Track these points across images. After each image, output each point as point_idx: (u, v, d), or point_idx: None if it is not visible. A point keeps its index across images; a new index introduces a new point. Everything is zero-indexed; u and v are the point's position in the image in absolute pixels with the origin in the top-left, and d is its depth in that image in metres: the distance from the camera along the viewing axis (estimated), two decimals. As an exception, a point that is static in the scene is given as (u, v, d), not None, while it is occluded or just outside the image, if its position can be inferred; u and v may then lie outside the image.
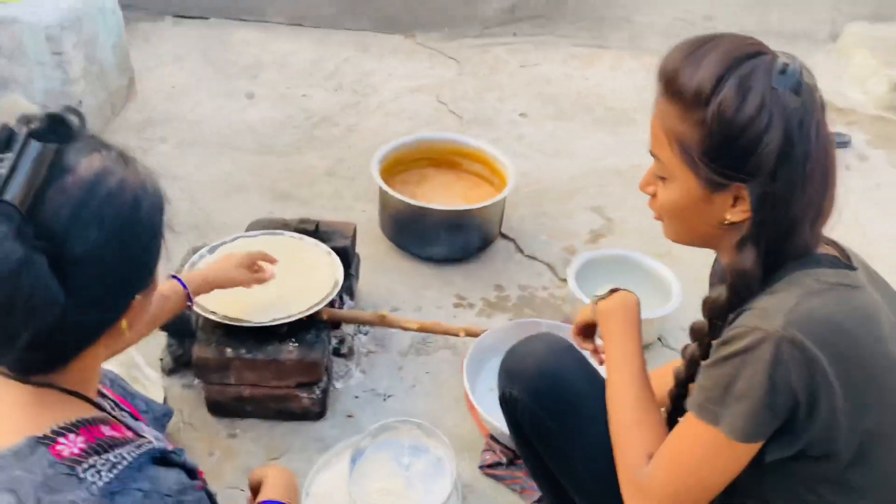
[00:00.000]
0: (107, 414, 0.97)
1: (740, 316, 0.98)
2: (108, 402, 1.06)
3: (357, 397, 1.96)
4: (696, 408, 0.99)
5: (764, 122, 0.93)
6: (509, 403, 1.28)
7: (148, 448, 0.92)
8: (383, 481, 1.69)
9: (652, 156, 1.06)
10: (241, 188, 2.71)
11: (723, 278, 1.06)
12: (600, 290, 1.36)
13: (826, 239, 1.05)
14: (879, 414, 0.96)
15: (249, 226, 2.15)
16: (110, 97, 2.98)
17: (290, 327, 1.82)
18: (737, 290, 1.01)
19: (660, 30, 4.02)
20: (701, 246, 1.11)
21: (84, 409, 0.93)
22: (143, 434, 0.99)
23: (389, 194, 2.31)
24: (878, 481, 0.98)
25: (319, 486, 1.70)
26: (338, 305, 2.03)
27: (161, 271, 0.96)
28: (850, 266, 1.02)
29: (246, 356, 1.78)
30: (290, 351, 1.80)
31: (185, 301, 1.51)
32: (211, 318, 1.78)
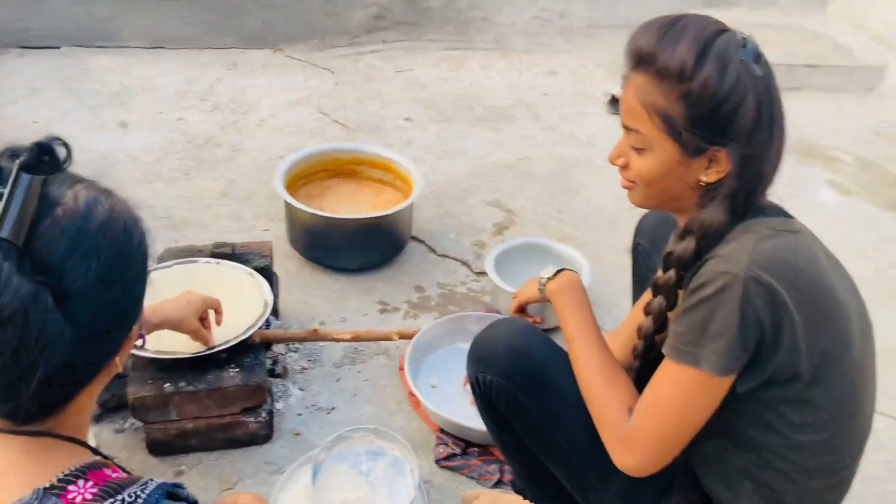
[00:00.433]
0: (102, 457, 0.94)
1: (704, 265, 1.09)
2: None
3: (300, 414, 1.95)
4: (675, 353, 1.10)
5: (742, 91, 1.06)
6: (483, 388, 1.33)
7: (157, 483, 0.91)
8: (347, 492, 1.70)
9: (625, 129, 1.16)
10: (133, 220, 2.59)
11: (681, 235, 1.17)
12: (544, 272, 1.45)
13: None
14: (831, 336, 1.10)
15: (160, 256, 2.07)
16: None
17: (228, 353, 1.79)
18: (705, 242, 1.12)
19: (520, 29, 4.23)
20: (666, 209, 1.23)
21: (83, 454, 0.90)
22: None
23: (299, 209, 2.30)
24: (832, 396, 1.13)
25: (283, 507, 1.68)
26: (263, 326, 2.00)
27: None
28: (789, 215, 1.16)
29: (187, 389, 1.72)
30: (232, 377, 1.76)
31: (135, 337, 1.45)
32: (143, 354, 1.71)
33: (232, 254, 2.08)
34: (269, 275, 2.06)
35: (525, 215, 2.77)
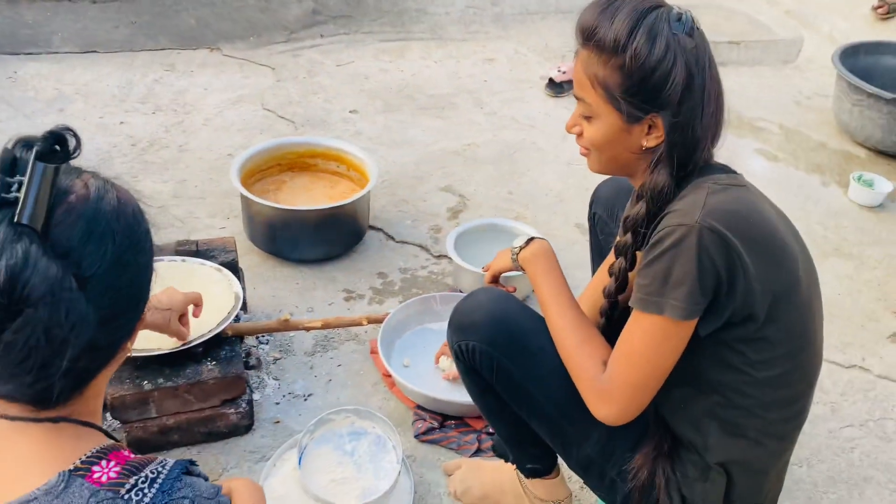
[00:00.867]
0: (115, 441, 0.97)
1: (661, 221, 1.19)
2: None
3: (278, 403, 1.98)
4: (641, 304, 1.19)
5: (670, 61, 1.16)
6: (466, 354, 1.40)
7: (175, 461, 0.95)
8: (333, 472, 1.75)
9: (577, 98, 1.28)
10: (85, 226, 2.56)
11: (637, 197, 1.27)
12: (516, 241, 1.52)
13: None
14: (780, 277, 1.21)
15: (123, 258, 2.07)
16: None
17: (203, 347, 1.81)
18: (655, 202, 1.23)
19: (455, 18, 4.30)
20: (620, 174, 1.34)
21: (100, 438, 0.93)
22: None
23: (258, 203, 2.32)
24: (786, 333, 1.24)
25: (272, 491, 1.71)
26: (234, 320, 2.02)
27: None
28: (736, 172, 1.28)
29: (166, 385, 1.74)
30: (211, 370, 1.79)
31: (145, 321, 1.47)
32: (119, 354, 1.72)
33: (196, 251, 2.09)
34: (236, 269, 2.08)
35: (477, 199, 2.85)
